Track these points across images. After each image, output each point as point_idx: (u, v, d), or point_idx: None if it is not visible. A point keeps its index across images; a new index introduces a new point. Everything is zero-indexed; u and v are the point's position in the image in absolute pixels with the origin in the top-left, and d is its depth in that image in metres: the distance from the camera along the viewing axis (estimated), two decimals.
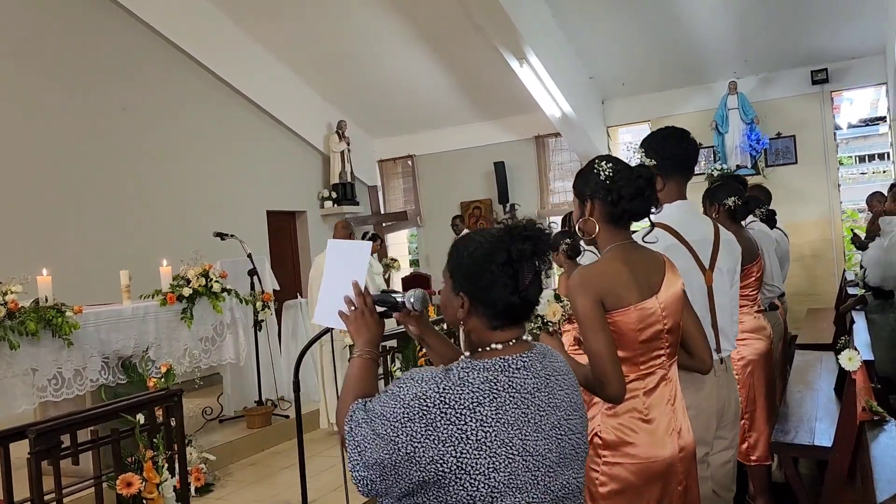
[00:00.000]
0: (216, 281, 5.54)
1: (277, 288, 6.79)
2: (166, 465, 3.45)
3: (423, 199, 12.23)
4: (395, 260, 10.99)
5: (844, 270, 8.75)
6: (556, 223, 11.72)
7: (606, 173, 2.05)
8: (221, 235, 6.34)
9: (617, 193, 2.03)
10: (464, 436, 1.38)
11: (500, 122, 11.31)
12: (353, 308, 1.76)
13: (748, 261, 3.50)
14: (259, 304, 6.07)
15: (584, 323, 1.93)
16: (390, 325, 2.07)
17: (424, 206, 12.21)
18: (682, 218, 2.39)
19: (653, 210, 2.08)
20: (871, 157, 12.20)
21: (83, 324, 4.60)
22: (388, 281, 10.22)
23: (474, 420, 1.39)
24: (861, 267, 6.74)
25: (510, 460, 1.40)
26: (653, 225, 2.12)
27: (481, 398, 1.41)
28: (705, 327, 2.34)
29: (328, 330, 2.01)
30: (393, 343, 5.59)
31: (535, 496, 1.43)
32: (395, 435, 1.39)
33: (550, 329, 2.09)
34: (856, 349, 3.50)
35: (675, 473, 2.01)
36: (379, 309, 1.84)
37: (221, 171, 9.28)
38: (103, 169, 7.86)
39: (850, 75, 9.31)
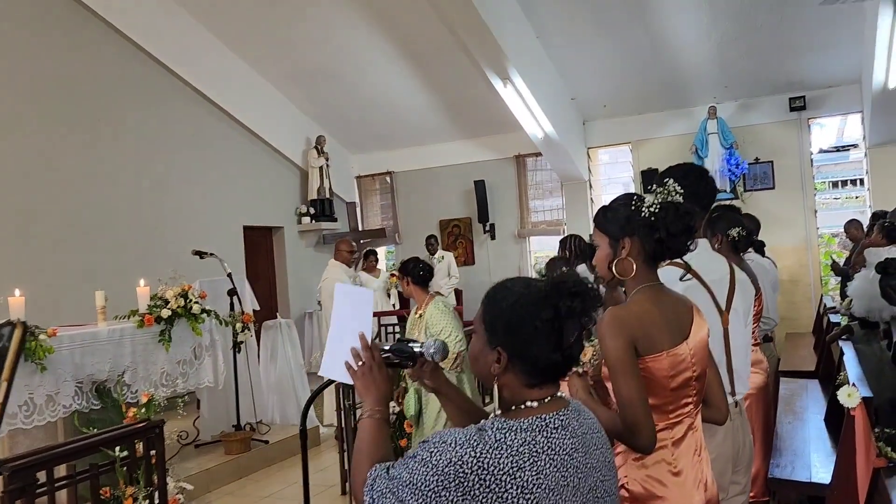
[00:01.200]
0: (195, 302, 5.37)
1: (258, 308, 6.62)
2: (147, 502, 3.29)
3: (401, 217, 12.13)
4: (395, 275, 10.73)
5: (822, 296, 8.82)
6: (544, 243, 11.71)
7: (651, 209, 1.95)
8: (200, 254, 6.16)
9: (665, 230, 1.93)
10: (501, 502, 1.29)
11: (480, 140, 11.28)
12: (360, 363, 1.64)
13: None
14: (239, 325, 5.90)
15: (616, 367, 1.84)
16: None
17: (402, 223, 12.11)
18: (701, 257, 2.33)
19: (690, 248, 2.00)
20: (844, 183, 12.42)
21: (57, 347, 4.40)
22: (389, 295, 10.03)
23: (514, 486, 1.30)
24: (843, 296, 6.79)
25: None
26: (689, 268, 2.05)
27: (521, 462, 1.32)
28: (721, 370, 2.28)
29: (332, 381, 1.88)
30: None
31: None
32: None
33: (580, 370, 2.00)
34: (854, 385, 3.48)
35: None
36: (394, 359, 1.73)
37: (198, 185, 9.09)
38: (77, 184, 7.64)
39: (827, 103, 9.46)
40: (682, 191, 2.04)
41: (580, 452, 1.41)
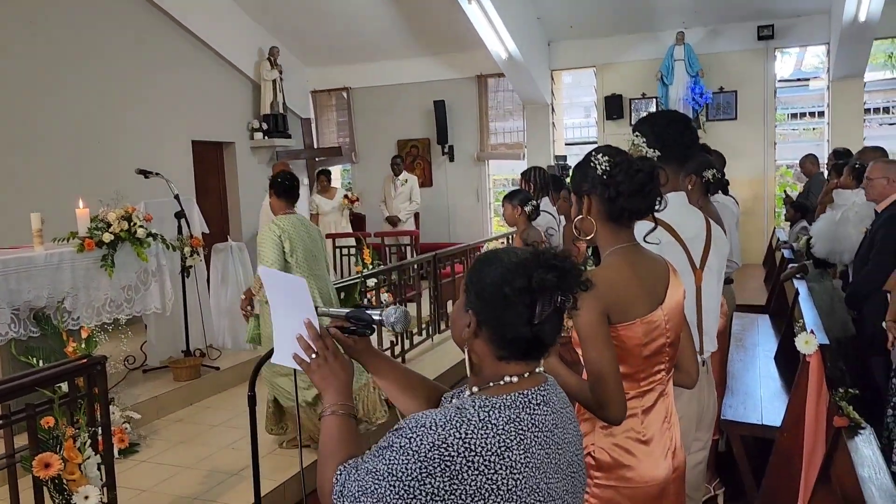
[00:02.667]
0: (140, 225, 5.10)
1: (207, 231, 6.36)
2: (89, 442, 3.15)
3: (358, 135, 11.79)
4: (349, 196, 9.73)
5: (775, 228, 8.94)
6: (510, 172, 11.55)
7: (603, 167, 1.83)
8: (145, 173, 5.83)
9: (615, 189, 1.82)
10: (494, 486, 1.20)
11: (441, 58, 10.89)
12: (313, 355, 1.49)
13: None
14: (187, 249, 5.66)
15: (588, 337, 1.74)
16: None
17: (360, 141, 11.78)
18: (678, 212, 2.21)
19: (657, 207, 1.88)
20: (803, 115, 12.46)
21: None
22: (353, 222, 9.76)
23: (503, 467, 1.21)
24: (797, 236, 6.85)
25: None
26: (657, 223, 1.93)
27: (508, 441, 1.23)
28: (691, 329, 2.20)
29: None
30: None
31: None
32: (411, 496, 1.18)
33: None
34: (812, 332, 3.49)
35: (668, 495, 1.90)
36: (350, 327, 1.59)
37: (143, 98, 8.58)
38: (9, 96, 7.09)
39: (794, 33, 9.33)
40: (642, 138, 1.95)
41: (559, 428, 1.34)
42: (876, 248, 4.27)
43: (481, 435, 1.21)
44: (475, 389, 1.35)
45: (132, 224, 5.05)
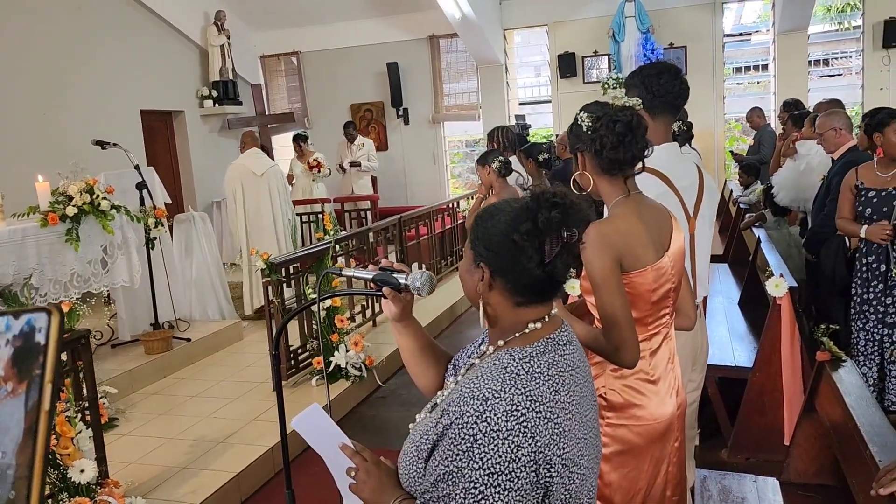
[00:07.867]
0: (103, 197, 4.97)
1: (169, 201, 6.23)
2: (79, 416, 3.12)
3: (310, 100, 11.60)
4: (311, 163, 9.12)
5: (726, 181, 9.20)
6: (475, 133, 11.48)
7: (587, 124, 1.93)
8: (102, 144, 5.65)
9: (599, 143, 1.90)
10: (559, 429, 1.25)
11: (392, 19, 10.74)
12: (354, 473, 1.41)
13: None
14: (151, 220, 5.55)
15: (602, 285, 1.81)
16: None
17: (312, 107, 11.60)
18: (671, 162, 2.29)
19: (643, 155, 1.95)
20: (748, 69, 12.72)
21: None
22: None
23: (560, 410, 1.27)
24: (745, 185, 7.06)
25: (586, 441, 1.32)
26: (643, 168, 2.00)
27: (555, 385, 1.29)
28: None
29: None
30: None
31: (595, 471, 1.37)
32: (513, 483, 1.18)
33: None
34: (782, 276, 3.66)
35: (673, 431, 2.00)
36: (377, 291, 1.60)
37: (88, 68, 8.27)
38: None
39: None
40: (625, 97, 2.03)
41: (584, 363, 1.42)
42: (832, 195, 4.45)
43: (535, 385, 1.26)
44: (501, 343, 1.36)
45: (94, 196, 4.91)
